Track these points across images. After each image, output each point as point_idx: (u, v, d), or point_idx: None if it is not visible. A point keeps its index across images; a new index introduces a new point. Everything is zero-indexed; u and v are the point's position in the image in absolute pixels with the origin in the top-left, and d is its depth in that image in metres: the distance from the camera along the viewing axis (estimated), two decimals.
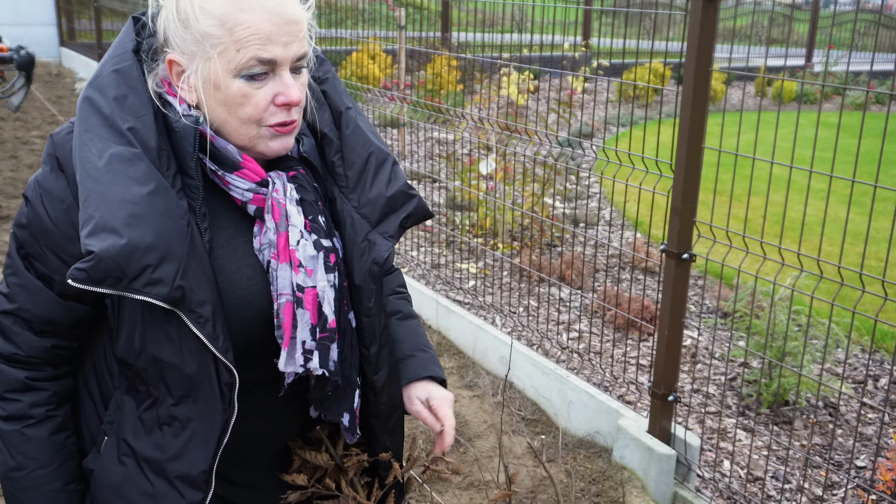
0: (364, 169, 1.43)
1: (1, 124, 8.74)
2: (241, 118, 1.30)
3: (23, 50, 5.55)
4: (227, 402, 1.34)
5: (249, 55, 1.25)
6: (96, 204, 1.22)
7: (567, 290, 4.83)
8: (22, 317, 1.37)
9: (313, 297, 1.35)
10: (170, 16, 1.28)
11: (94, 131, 1.26)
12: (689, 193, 2.90)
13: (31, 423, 1.41)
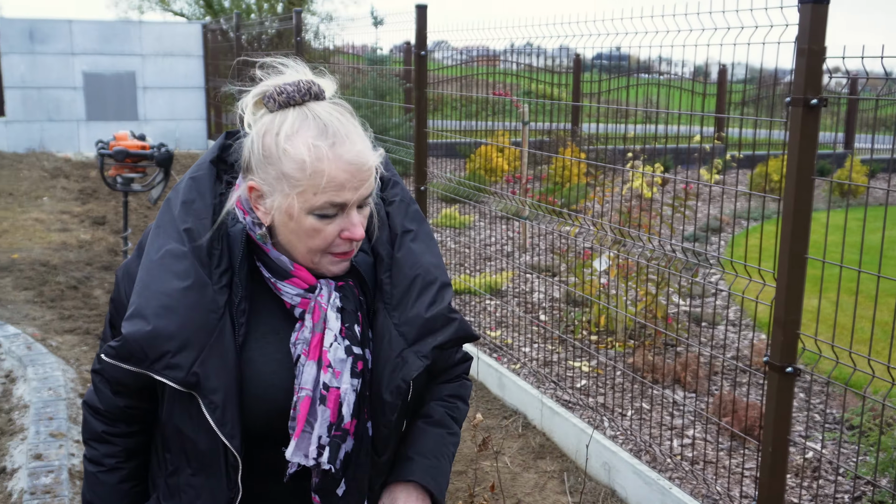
0: (409, 289, 1.51)
1: (147, 213, 9.36)
2: (309, 247, 1.44)
3: (163, 147, 5.95)
4: (233, 482, 1.46)
5: (325, 199, 1.39)
6: (139, 292, 1.40)
7: (681, 393, 4.67)
8: (105, 377, 1.57)
9: (336, 397, 1.45)
10: (255, 148, 1.42)
11: (162, 228, 1.44)
12: (792, 305, 2.78)
13: (103, 469, 1.61)
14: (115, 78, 14.13)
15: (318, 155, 1.37)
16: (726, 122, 14.35)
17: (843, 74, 2.92)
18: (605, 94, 11.62)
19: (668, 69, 12.64)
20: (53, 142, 13.93)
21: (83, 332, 5.55)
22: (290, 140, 1.38)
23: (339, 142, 1.39)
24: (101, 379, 1.58)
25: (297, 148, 1.38)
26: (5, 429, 4.13)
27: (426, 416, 1.68)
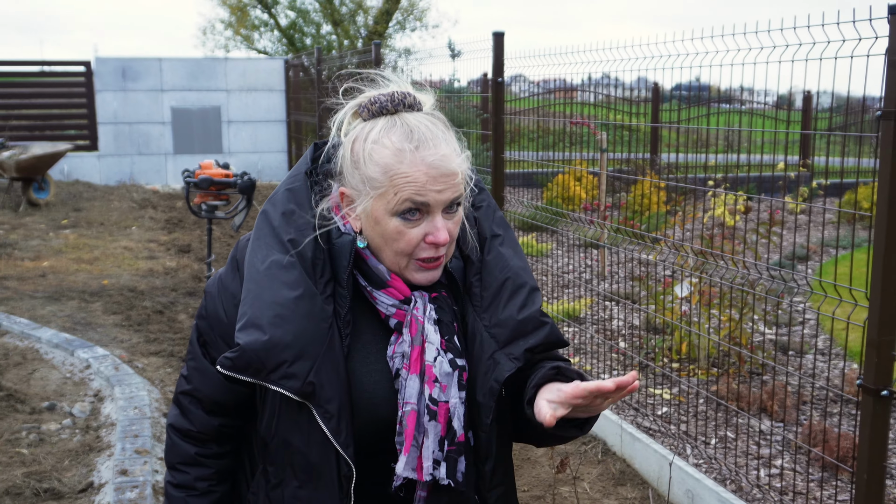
0: (499, 292, 1.49)
1: (230, 241, 9.58)
2: (394, 250, 1.44)
3: (246, 176, 6.10)
4: (345, 493, 1.45)
5: (404, 197, 1.40)
6: (250, 303, 1.41)
7: (768, 422, 4.51)
8: (196, 396, 1.57)
9: (445, 411, 1.45)
10: (346, 155, 1.46)
11: (263, 239, 1.46)
12: (887, 325, 2.67)
13: (194, 493, 1.60)
14: (201, 112, 14.58)
15: (400, 158, 1.39)
16: (812, 149, 14.02)
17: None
18: (683, 122, 11.48)
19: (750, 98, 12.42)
20: (142, 174, 14.42)
21: (167, 354, 5.68)
22: (377, 143, 1.41)
23: (422, 145, 1.40)
24: (190, 400, 1.58)
25: (380, 151, 1.41)
26: (93, 445, 4.24)
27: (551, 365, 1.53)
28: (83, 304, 6.77)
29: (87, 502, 3.68)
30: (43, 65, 15.04)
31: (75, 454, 4.15)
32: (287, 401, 1.43)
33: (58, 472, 3.94)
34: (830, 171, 10.13)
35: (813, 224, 5.04)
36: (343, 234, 1.47)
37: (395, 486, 1.46)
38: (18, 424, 4.42)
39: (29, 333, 5.79)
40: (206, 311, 1.55)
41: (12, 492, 3.69)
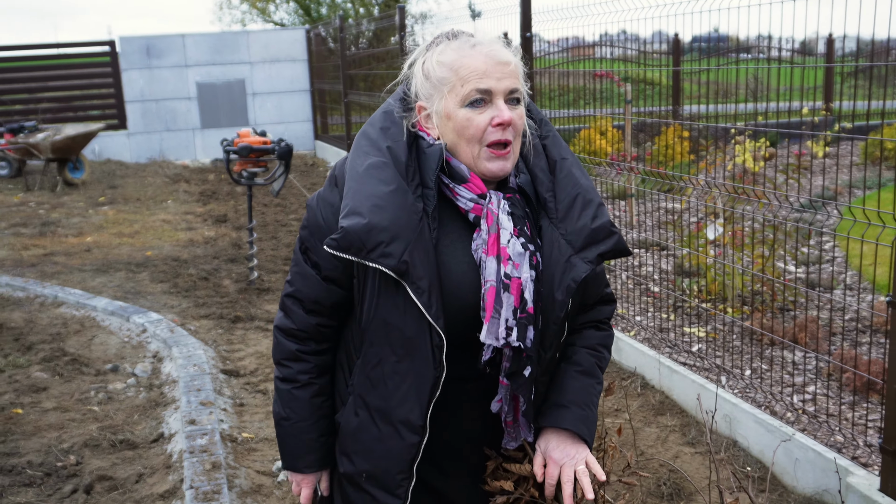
0: (572, 204, 1.72)
1: (265, 210, 9.80)
2: (466, 138, 1.67)
3: (283, 142, 6.29)
4: (438, 361, 1.66)
5: (470, 87, 1.64)
6: (351, 196, 1.64)
7: (799, 353, 4.68)
8: (298, 298, 1.79)
9: (518, 285, 1.65)
10: (418, 73, 1.71)
11: (362, 149, 1.70)
12: None
13: (297, 385, 1.82)
14: (226, 86, 14.78)
15: (462, 53, 1.65)
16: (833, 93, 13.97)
17: None
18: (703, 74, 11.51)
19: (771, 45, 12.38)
20: (172, 150, 14.67)
21: (217, 316, 5.92)
22: (442, 54, 1.67)
23: (479, 43, 1.66)
24: (293, 301, 1.80)
25: (446, 55, 1.66)
26: (159, 401, 4.50)
27: (577, 364, 1.85)
28: (130, 275, 7.03)
29: (160, 450, 3.93)
30: (66, 46, 15.25)
31: (143, 409, 4.40)
32: (385, 284, 1.64)
33: (129, 426, 4.19)
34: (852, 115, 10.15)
35: (838, 167, 5.12)
36: (433, 144, 1.69)
37: (485, 358, 1.67)
38: (86, 385, 4.68)
39: (84, 303, 6.06)
40: (308, 222, 1.77)
41: (90, 444, 3.95)
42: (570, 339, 1.86)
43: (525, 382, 1.70)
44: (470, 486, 1.84)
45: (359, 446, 1.75)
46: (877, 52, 14.67)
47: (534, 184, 1.75)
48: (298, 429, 1.84)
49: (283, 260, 7.54)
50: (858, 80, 14.09)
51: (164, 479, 3.63)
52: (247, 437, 4.09)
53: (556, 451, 1.77)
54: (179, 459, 3.75)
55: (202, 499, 3.33)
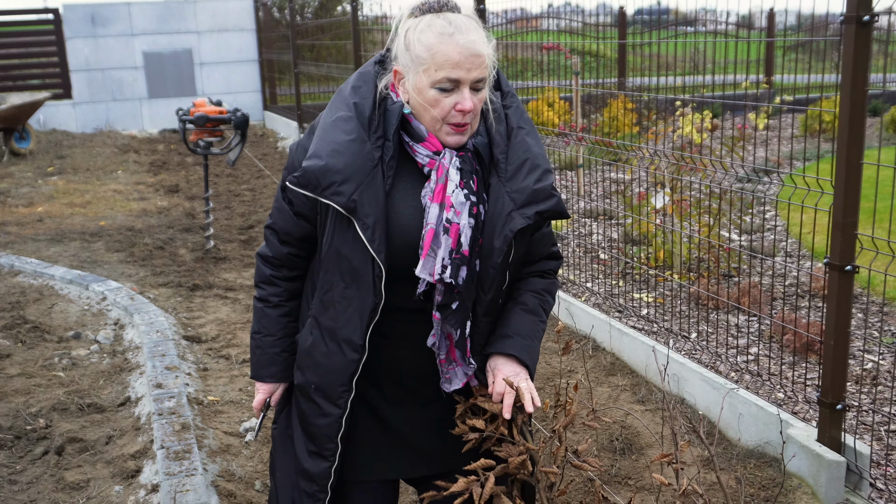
0: (520, 167, 1.95)
1: (217, 180, 9.79)
2: (432, 115, 1.89)
3: (238, 112, 6.32)
4: (378, 290, 1.91)
5: (442, 74, 1.84)
6: (316, 143, 1.90)
7: (742, 317, 4.92)
8: (274, 229, 2.08)
9: (456, 229, 1.89)
10: (400, 41, 1.90)
11: (335, 104, 1.95)
12: (850, 207, 3.02)
13: (269, 305, 2.13)
14: (173, 56, 14.59)
15: (440, 40, 1.82)
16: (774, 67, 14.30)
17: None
18: (646, 47, 11.72)
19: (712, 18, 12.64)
20: (119, 121, 14.46)
21: (175, 285, 5.97)
22: (423, 31, 1.84)
23: (458, 32, 1.83)
24: (271, 232, 2.09)
25: (427, 35, 1.84)
26: (123, 366, 4.56)
27: (522, 304, 2.10)
28: (85, 245, 7.01)
29: (128, 413, 4.01)
30: (8, 14, 14.86)
31: (108, 374, 4.46)
32: (340, 220, 1.89)
33: (95, 391, 4.26)
34: (795, 89, 10.44)
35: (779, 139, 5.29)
36: (396, 102, 1.92)
37: (419, 291, 1.92)
38: (50, 352, 4.72)
39: (41, 272, 6.05)
40: (287, 164, 2.02)
41: (58, 408, 4.00)
42: (516, 285, 2.11)
43: (452, 315, 1.94)
44: (413, 416, 2.09)
45: (310, 361, 2.02)
46: (816, 27, 15.05)
47: (490, 146, 1.97)
48: (266, 342, 2.13)
49: (238, 229, 7.57)
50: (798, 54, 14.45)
51: (134, 440, 3.72)
52: (213, 400, 4.18)
53: (502, 369, 2.01)
54: (148, 421, 3.83)
55: (173, 458, 3.43)
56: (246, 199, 8.93)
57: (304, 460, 2.08)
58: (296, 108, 12.44)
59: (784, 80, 12.99)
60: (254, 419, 3.96)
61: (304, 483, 2.09)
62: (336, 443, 2.03)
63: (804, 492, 3.21)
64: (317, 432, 2.04)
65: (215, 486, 3.32)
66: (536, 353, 2.07)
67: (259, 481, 3.45)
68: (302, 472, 2.09)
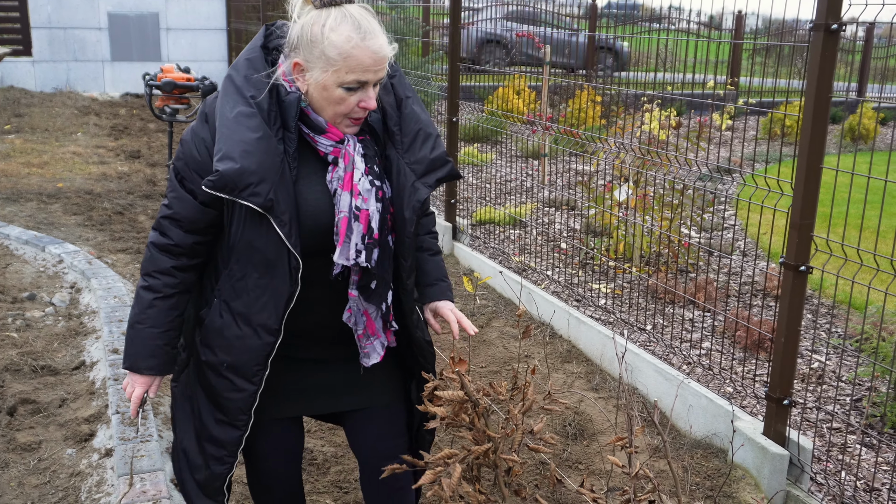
0: (415, 137, 2.09)
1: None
2: (335, 111, 1.97)
3: (207, 80, 6.26)
4: (294, 279, 2.00)
5: (353, 77, 1.92)
6: (224, 141, 1.89)
7: (696, 312, 5.02)
8: (176, 219, 2.05)
9: (366, 216, 2.01)
10: (303, 34, 1.93)
11: (230, 96, 1.94)
12: (808, 209, 3.11)
13: (160, 296, 2.09)
14: (138, 19, 14.33)
15: (353, 44, 1.89)
16: (740, 69, 14.50)
17: (862, 2, 3.20)
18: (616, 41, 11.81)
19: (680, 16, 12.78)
20: (80, 81, 14.18)
21: (134, 251, 5.91)
22: (334, 31, 1.89)
23: (368, 36, 1.90)
24: (172, 222, 2.05)
25: (338, 36, 1.88)
26: (79, 330, 4.52)
27: (428, 249, 2.34)
28: (42, 206, 6.90)
29: (82, 377, 3.98)
30: None
31: (63, 338, 4.42)
32: (251, 214, 1.94)
33: (49, 353, 4.21)
34: (757, 91, 10.61)
35: (739, 140, 5.40)
36: (289, 93, 1.96)
37: (335, 273, 2.03)
38: (3, 312, 4.65)
39: None
40: (182, 154, 2.01)
41: (11, 368, 3.96)
42: None
43: (374, 294, 2.07)
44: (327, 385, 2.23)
45: (222, 342, 2.07)
46: (781, 32, 15.28)
47: (385, 119, 2.09)
48: (148, 334, 2.10)
49: None
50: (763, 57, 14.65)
51: (88, 404, 3.70)
52: None
53: (442, 307, 2.28)
54: (103, 386, 3.81)
55: (128, 423, 3.42)
56: None
57: (213, 427, 2.15)
58: None
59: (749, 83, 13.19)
60: None
61: (212, 448, 2.17)
62: (249, 414, 2.11)
63: (748, 482, 3.31)
64: (230, 406, 2.11)
65: (169, 452, 3.33)
66: (451, 288, 2.37)
67: None
68: (210, 438, 2.16)
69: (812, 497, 3.18)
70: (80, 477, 3.15)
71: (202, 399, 2.16)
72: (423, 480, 1.96)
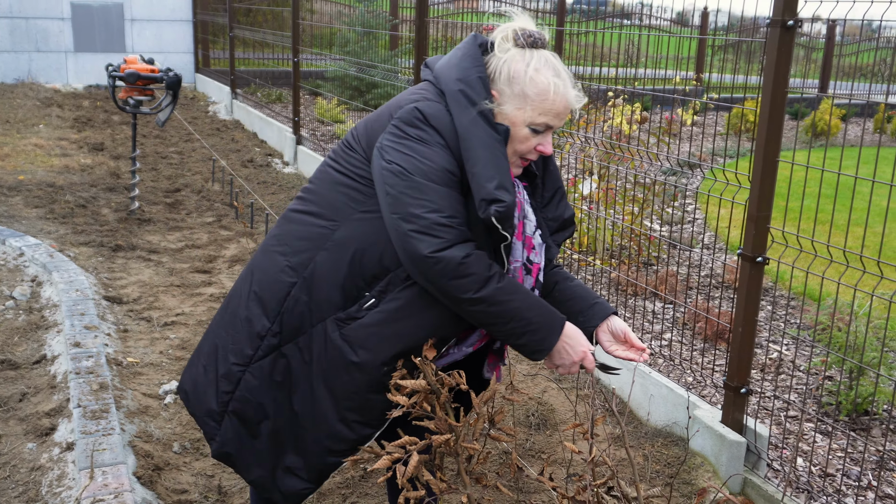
0: (554, 195, 2.16)
1: (144, 141, 9.59)
2: (515, 149, 2.02)
3: (171, 72, 6.21)
4: None
5: (544, 120, 1.99)
6: (495, 168, 1.91)
7: (659, 304, 5.09)
8: (452, 225, 2.00)
9: (537, 269, 2.08)
10: (503, 68, 1.99)
11: (482, 123, 1.94)
12: (764, 202, 3.17)
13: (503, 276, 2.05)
14: (102, 9, 14.16)
15: (553, 89, 1.96)
16: (703, 65, 14.64)
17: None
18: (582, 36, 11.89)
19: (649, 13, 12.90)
20: (42, 73, 13.99)
21: (97, 244, 5.86)
22: (538, 72, 1.96)
23: (566, 85, 1.99)
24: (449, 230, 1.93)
25: (541, 78, 1.96)
26: (40, 324, 4.47)
27: (567, 278, 2.30)
28: (2, 199, 6.81)
29: (43, 371, 3.95)
30: None
31: (23, 331, 4.38)
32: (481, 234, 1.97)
33: (9, 347, 4.17)
34: (723, 87, 10.72)
35: (704, 135, 5.45)
36: (503, 126, 1.99)
37: None
38: None
39: None
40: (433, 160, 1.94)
41: None
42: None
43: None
44: None
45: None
46: (746, 28, 15.45)
47: (535, 172, 2.15)
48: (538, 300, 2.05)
49: (164, 192, 7.46)
50: (728, 54, 14.80)
51: (50, 398, 3.67)
52: (132, 362, 4.15)
53: (618, 326, 2.23)
54: (65, 380, 3.79)
55: (90, 417, 3.40)
56: (174, 161, 8.79)
57: (335, 424, 2.10)
58: (229, 72, 12.23)
59: (714, 79, 13.32)
60: (174, 382, 3.95)
61: (330, 441, 2.12)
62: (387, 416, 2.10)
63: (706, 469, 3.37)
64: (375, 406, 2.09)
65: (132, 446, 3.32)
66: None
67: (177, 443, 3.45)
68: (329, 433, 2.11)
69: (768, 483, 3.24)
70: (41, 471, 3.13)
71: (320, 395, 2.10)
72: (377, 465, 1.97)
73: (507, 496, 3.15)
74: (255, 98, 12.19)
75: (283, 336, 2.12)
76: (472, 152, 1.90)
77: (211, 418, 2.27)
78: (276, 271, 2.13)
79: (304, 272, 2.09)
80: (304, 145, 9.00)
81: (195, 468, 3.30)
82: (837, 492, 3.29)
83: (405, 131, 1.95)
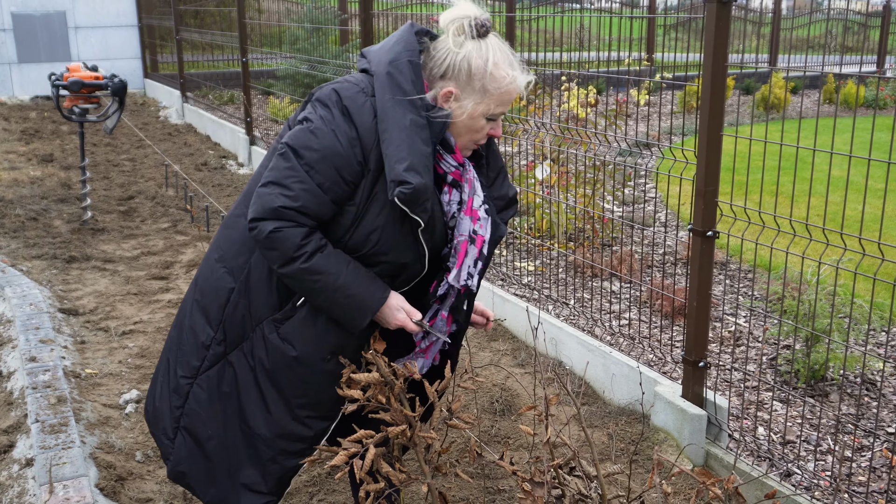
0: (499, 174, 2.22)
1: (94, 150, 9.45)
2: (471, 137, 2.08)
3: (116, 78, 6.12)
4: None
5: (500, 109, 2.05)
6: (406, 150, 1.90)
7: (618, 284, 5.12)
8: (302, 212, 2.00)
9: (481, 241, 2.14)
10: (462, 65, 2.00)
11: (401, 103, 1.93)
12: (711, 176, 3.20)
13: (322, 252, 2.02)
14: (44, 18, 13.91)
15: (509, 81, 2.01)
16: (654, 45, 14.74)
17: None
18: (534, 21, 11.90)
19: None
20: None
21: (50, 257, 5.77)
22: (497, 67, 1.98)
23: (520, 74, 2.04)
24: (295, 213, 1.96)
25: (500, 75, 2.00)
26: None
27: None
28: None
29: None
30: None
31: None
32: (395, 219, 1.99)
33: None
34: (676, 67, 10.81)
35: (660, 115, 5.51)
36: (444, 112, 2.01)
37: (440, 293, 2.14)
38: None
39: None
40: (317, 145, 1.94)
41: None
42: None
43: (463, 313, 2.19)
44: None
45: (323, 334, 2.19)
46: (695, 7, 15.58)
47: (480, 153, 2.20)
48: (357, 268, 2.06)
49: (117, 200, 7.35)
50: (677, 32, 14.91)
51: (7, 415, 3.61)
52: (90, 373, 4.09)
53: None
54: (21, 396, 3.73)
55: (49, 431, 3.35)
56: (126, 169, 8.67)
57: (288, 424, 2.14)
58: (178, 76, 12.08)
59: (665, 59, 13.41)
60: (134, 391, 3.91)
61: (286, 443, 2.16)
62: (341, 406, 2.14)
63: (669, 444, 3.41)
64: (327, 398, 2.13)
65: (94, 457, 3.28)
66: None
67: (140, 452, 3.42)
68: (285, 434, 2.15)
69: (730, 453, 3.29)
70: (1, 489, 3.09)
71: (275, 398, 2.13)
72: (334, 462, 1.97)
73: (469, 483, 3.17)
74: (207, 101, 12.06)
75: (228, 343, 2.13)
76: (388, 133, 1.92)
77: (165, 436, 2.27)
78: (215, 278, 2.16)
79: (240, 276, 2.12)
80: (258, 145, 8.93)
81: (159, 476, 3.26)
82: (798, 458, 3.35)
83: (314, 108, 2.00)
